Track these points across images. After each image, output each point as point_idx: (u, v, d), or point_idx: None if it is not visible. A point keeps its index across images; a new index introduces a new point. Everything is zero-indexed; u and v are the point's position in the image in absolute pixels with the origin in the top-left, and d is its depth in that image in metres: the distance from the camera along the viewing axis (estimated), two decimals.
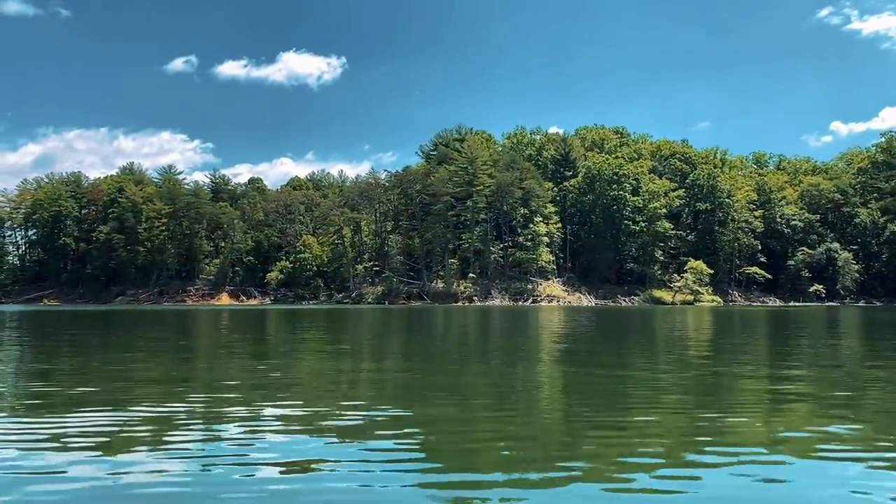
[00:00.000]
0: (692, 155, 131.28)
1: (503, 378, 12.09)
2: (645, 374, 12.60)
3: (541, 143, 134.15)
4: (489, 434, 7.13)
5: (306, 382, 11.47)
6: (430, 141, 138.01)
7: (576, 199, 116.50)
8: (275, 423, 7.65)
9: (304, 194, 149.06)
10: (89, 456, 5.95)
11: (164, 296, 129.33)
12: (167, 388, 10.33)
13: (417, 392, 10.38)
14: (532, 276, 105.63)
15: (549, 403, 9.52)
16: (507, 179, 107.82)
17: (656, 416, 8.21)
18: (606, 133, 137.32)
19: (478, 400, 9.53)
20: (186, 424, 7.58)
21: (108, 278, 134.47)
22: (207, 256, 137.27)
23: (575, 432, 7.34)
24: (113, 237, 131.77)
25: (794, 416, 8.35)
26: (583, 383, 11.49)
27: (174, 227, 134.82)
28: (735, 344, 21.57)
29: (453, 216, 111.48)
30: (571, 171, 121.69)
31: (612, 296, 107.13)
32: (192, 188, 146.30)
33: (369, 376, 12.57)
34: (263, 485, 5.23)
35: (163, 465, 5.75)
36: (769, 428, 7.56)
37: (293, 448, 6.42)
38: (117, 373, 12.61)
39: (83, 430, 7.15)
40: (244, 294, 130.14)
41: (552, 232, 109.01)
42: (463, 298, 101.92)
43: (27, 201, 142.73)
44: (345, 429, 7.24)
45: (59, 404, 8.96)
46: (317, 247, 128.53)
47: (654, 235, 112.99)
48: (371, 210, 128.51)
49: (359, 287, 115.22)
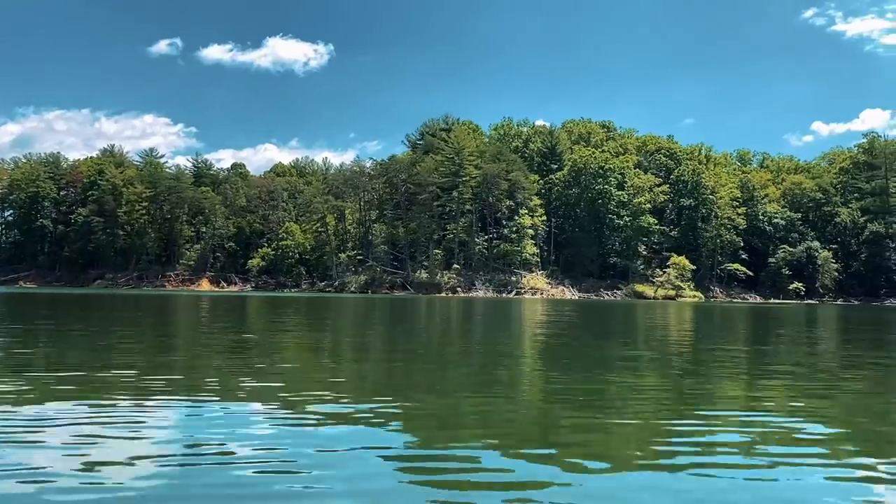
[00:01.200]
0: (677, 151, 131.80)
1: (485, 368, 11.94)
2: (625, 367, 12.61)
3: (528, 135, 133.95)
4: (471, 422, 7.16)
5: (286, 372, 11.21)
6: (417, 130, 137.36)
7: (561, 192, 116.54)
8: (255, 414, 7.46)
9: (288, 181, 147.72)
10: (63, 451, 5.68)
11: (143, 280, 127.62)
12: (144, 377, 9.92)
13: (398, 381, 10.32)
14: (516, 268, 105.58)
15: (529, 392, 9.48)
16: (493, 171, 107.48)
17: (636, 409, 8.23)
18: (593, 127, 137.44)
19: (459, 388, 9.46)
20: (164, 413, 7.39)
21: (86, 261, 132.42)
22: (188, 241, 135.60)
23: (555, 425, 7.28)
24: (92, 220, 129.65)
25: (771, 413, 8.27)
26: (563, 376, 11.38)
27: (155, 211, 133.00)
28: (715, 338, 21.59)
29: (439, 206, 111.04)
30: (557, 164, 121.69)
31: (594, 289, 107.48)
32: (173, 172, 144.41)
33: (349, 366, 12.37)
34: (243, 477, 5.06)
35: (140, 457, 5.54)
36: (747, 425, 7.48)
37: (273, 439, 6.25)
38: (94, 359, 12.13)
39: (54, 422, 6.81)
40: (225, 280, 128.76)
41: (537, 224, 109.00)
42: (446, 289, 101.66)
43: (3, 181, 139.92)
44: (323, 419, 7.10)
45: (32, 394, 8.52)
46: (299, 234, 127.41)
47: (638, 230, 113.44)
48: (355, 198, 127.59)
49: (342, 276, 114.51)
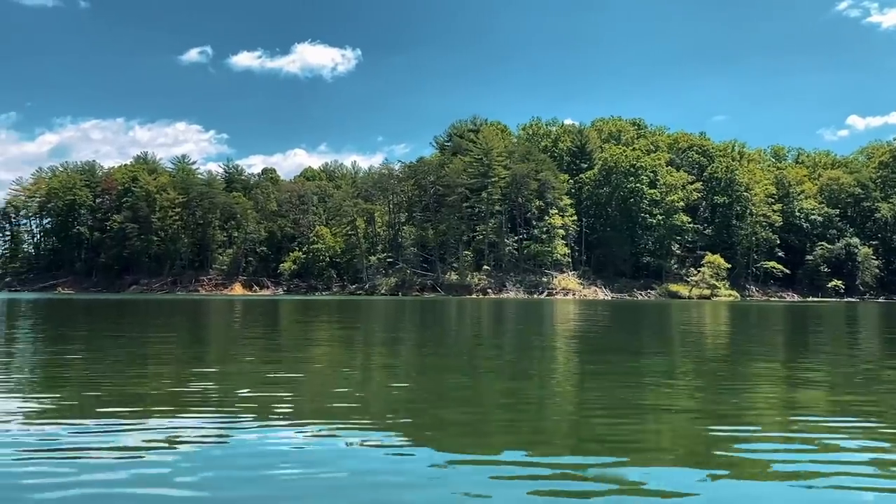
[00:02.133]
0: (710, 148, 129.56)
1: (518, 372, 11.53)
2: (660, 367, 12.27)
3: (556, 134, 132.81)
4: (502, 426, 7.06)
5: (318, 373, 11.19)
6: (445, 132, 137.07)
7: (592, 191, 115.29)
8: (286, 414, 7.45)
9: (318, 185, 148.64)
10: (99, 454, 5.62)
11: (177, 285, 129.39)
12: (180, 380, 9.90)
13: (429, 381, 10.24)
14: (547, 268, 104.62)
15: (562, 396, 9.22)
16: (522, 171, 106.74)
17: (671, 409, 7.99)
18: (623, 125, 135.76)
19: (491, 394, 9.20)
20: (199, 416, 7.37)
21: (122, 267, 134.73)
22: (220, 246, 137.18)
23: (588, 426, 7.13)
24: (126, 226, 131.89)
25: (810, 415, 7.85)
26: (597, 377, 11.11)
27: (187, 217, 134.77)
28: (752, 338, 20.85)
29: (468, 208, 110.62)
30: (587, 163, 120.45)
31: (627, 289, 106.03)
32: (205, 178, 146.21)
33: (381, 367, 12.27)
34: (274, 477, 5.06)
35: (174, 461, 5.54)
36: (785, 426, 7.19)
37: (305, 439, 6.26)
38: (131, 360, 12.01)
39: (94, 426, 6.75)
40: (257, 284, 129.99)
41: (567, 224, 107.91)
42: (477, 290, 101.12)
43: (42, 190, 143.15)
44: (354, 421, 7.07)
45: (73, 398, 8.42)
46: (330, 238, 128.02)
47: (671, 229, 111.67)
48: (385, 201, 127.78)
49: (372, 278, 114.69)
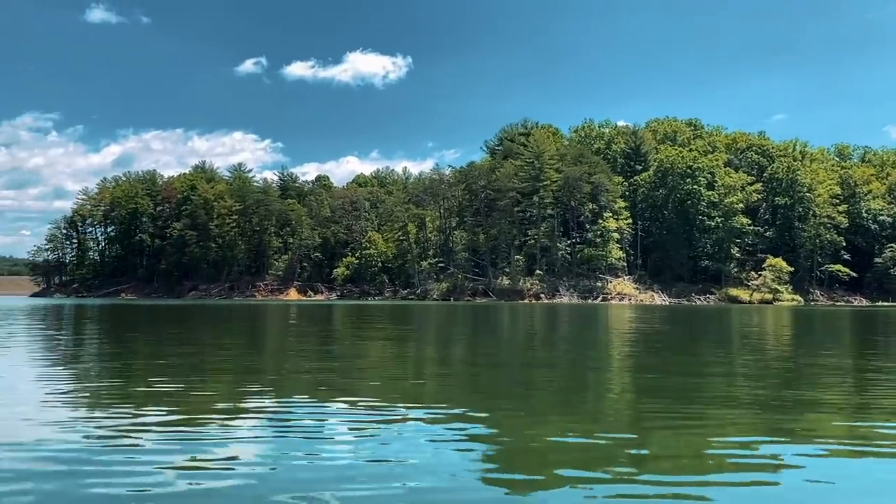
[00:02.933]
0: (770, 147, 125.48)
1: (573, 377, 11.13)
2: (719, 375, 11.92)
3: (610, 136, 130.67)
4: (556, 430, 6.94)
5: (373, 377, 11.26)
6: (495, 136, 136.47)
7: (647, 193, 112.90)
8: (342, 416, 7.47)
9: (370, 191, 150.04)
10: (160, 457, 5.69)
11: (234, 291, 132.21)
12: (239, 378, 10.26)
13: (484, 386, 10.16)
14: (601, 273, 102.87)
15: (618, 402, 9.03)
16: (574, 174, 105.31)
17: (730, 419, 7.75)
18: (679, 125, 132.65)
19: (545, 396, 9.11)
20: (257, 416, 7.49)
21: (181, 273, 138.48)
22: (276, 252, 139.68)
23: (644, 433, 6.95)
24: (186, 233, 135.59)
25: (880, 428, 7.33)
26: (654, 384, 10.83)
27: (244, 224, 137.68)
28: (818, 346, 19.82)
29: (519, 212, 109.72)
30: (642, 165, 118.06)
31: (685, 294, 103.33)
32: (261, 186, 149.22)
33: (435, 372, 12.22)
34: (332, 477, 5.10)
35: (235, 454, 5.66)
36: (851, 441, 6.74)
37: (361, 441, 6.26)
38: (197, 357, 12.02)
39: (157, 420, 6.99)
40: (311, 289, 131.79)
41: (622, 228, 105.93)
42: (529, 296, 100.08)
43: (106, 199, 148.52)
44: (409, 424, 7.05)
45: (135, 396, 8.55)
46: (382, 243, 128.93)
47: (731, 231, 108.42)
48: (435, 206, 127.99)
49: (424, 283, 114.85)
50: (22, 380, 10.47)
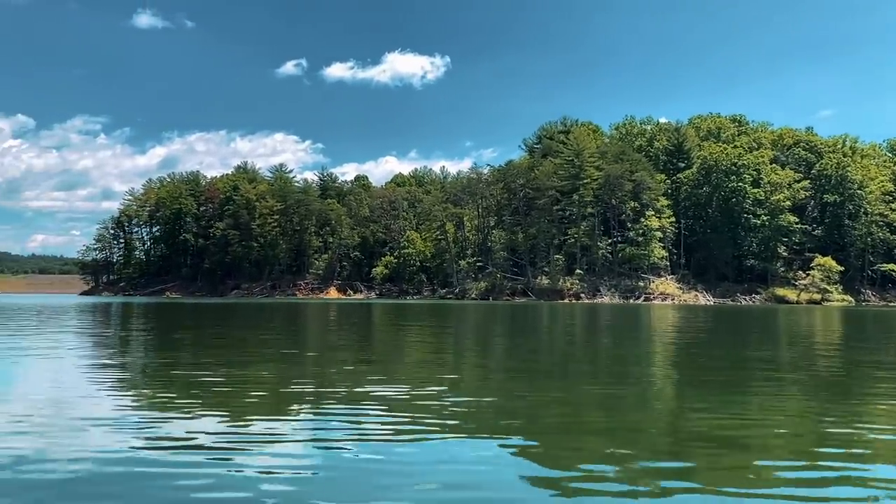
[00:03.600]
0: (818, 143, 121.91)
1: (616, 384, 10.79)
2: (766, 377, 11.51)
3: (652, 133, 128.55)
4: (597, 429, 6.88)
5: (410, 374, 11.23)
6: (534, 134, 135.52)
7: (690, 191, 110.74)
8: (379, 415, 7.47)
9: (408, 191, 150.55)
10: (204, 457, 5.67)
11: (275, 289, 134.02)
12: (283, 378, 10.26)
13: (523, 388, 9.99)
14: (643, 272, 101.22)
15: (660, 403, 8.86)
16: (615, 172, 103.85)
17: (777, 423, 7.52)
18: (723, 122, 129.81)
19: (586, 398, 8.96)
20: (299, 418, 7.48)
21: (224, 272, 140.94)
22: (316, 251, 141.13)
23: (687, 436, 6.81)
24: (228, 233, 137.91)
25: None
26: (698, 384, 10.58)
27: (285, 224, 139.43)
28: (870, 349, 18.83)
29: (559, 210, 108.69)
30: (685, 163, 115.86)
31: (730, 294, 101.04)
32: (301, 186, 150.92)
33: (474, 371, 12.05)
34: (371, 477, 5.13)
35: (276, 464, 5.62)
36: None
37: (397, 442, 6.22)
38: (241, 350, 12.00)
39: (204, 420, 7.00)
40: (351, 288, 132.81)
41: (665, 226, 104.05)
42: (569, 295, 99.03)
43: (151, 200, 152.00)
44: (449, 422, 6.99)
45: (180, 401, 8.48)
46: (420, 242, 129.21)
47: (777, 230, 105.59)
48: (474, 205, 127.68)
49: (462, 282, 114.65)
50: (72, 378, 10.59)
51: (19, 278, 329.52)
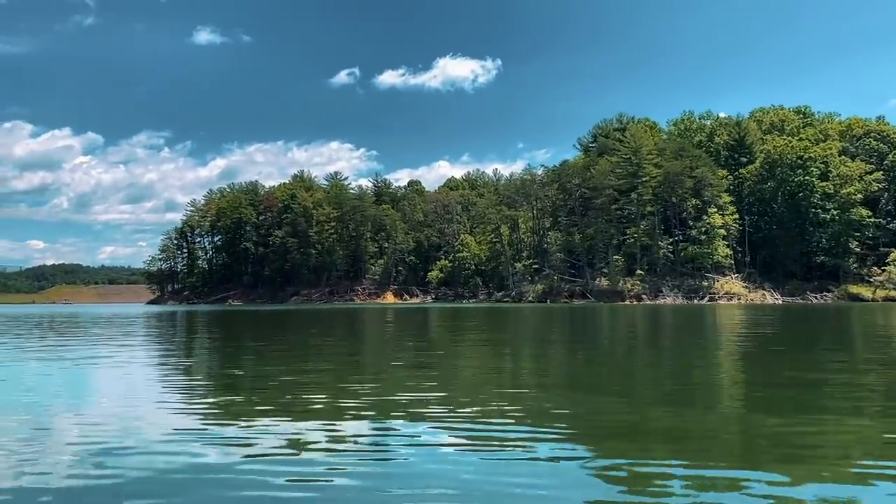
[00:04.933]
0: (890, 133, 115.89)
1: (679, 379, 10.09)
2: (840, 379, 10.86)
3: (712, 128, 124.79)
4: (662, 431, 6.67)
5: (470, 378, 11.11)
6: (589, 133, 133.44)
7: (754, 186, 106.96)
8: (442, 417, 7.39)
9: (461, 194, 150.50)
10: (264, 463, 5.67)
11: (334, 295, 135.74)
12: (342, 383, 10.26)
13: (584, 388, 9.91)
14: (707, 271, 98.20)
15: (728, 407, 8.47)
16: (675, 169, 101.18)
17: (850, 426, 7.10)
18: (786, 114, 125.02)
19: (650, 400, 8.74)
20: (357, 420, 7.49)
21: (284, 279, 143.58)
22: (372, 257, 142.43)
23: (757, 439, 6.49)
24: (287, 240, 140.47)
25: None
26: (768, 387, 10.09)
27: (342, 230, 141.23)
28: None
29: (617, 210, 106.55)
30: (748, 157, 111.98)
31: (799, 292, 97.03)
32: (357, 193, 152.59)
33: (533, 373, 11.93)
34: (430, 480, 5.08)
35: (336, 467, 5.61)
36: None
37: (457, 455, 6.00)
38: (304, 355, 11.80)
39: (259, 435, 6.83)
40: (407, 293, 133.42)
41: (728, 223, 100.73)
42: (630, 297, 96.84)
43: (213, 210, 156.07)
44: (512, 428, 6.82)
45: (243, 405, 8.29)
46: (475, 245, 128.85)
47: (849, 224, 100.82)
48: (528, 207, 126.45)
49: (518, 285, 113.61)
50: (143, 384, 10.70)
51: (90, 288, 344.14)
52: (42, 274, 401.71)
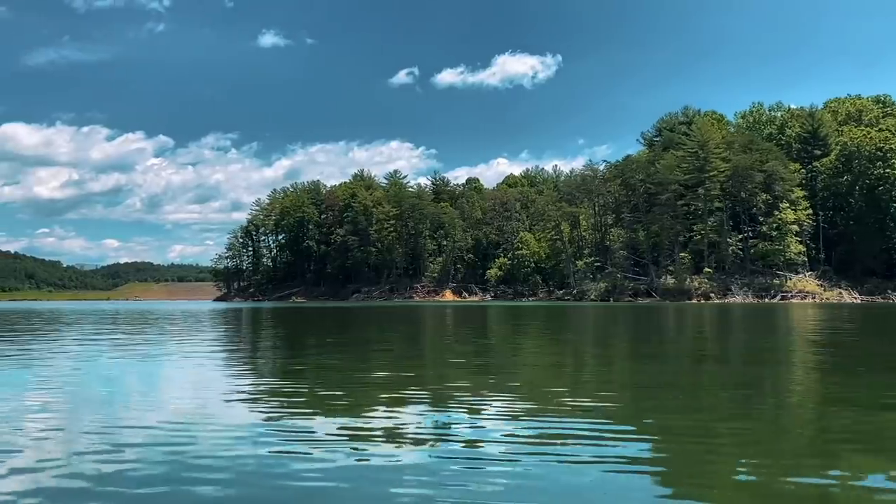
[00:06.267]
0: None
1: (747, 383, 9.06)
2: None
3: (782, 120, 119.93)
4: (728, 441, 6.18)
5: (527, 381, 10.67)
6: (653, 127, 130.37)
7: (829, 180, 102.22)
8: (497, 420, 7.13)
9: (520, 191, 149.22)
10: (325, 461, 5.51)
11: (393, 293, 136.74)
12: (399, 382, 10.09)
13: (647, 391, 9.38)
14: (779, 269, 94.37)
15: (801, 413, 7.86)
16: (744, 162, 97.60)
17: None
18: (864, 103, 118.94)
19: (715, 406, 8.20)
20: (419, 417, 7.32)
21: (345, 277, 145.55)
22: (431, 255, 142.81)
23: (831, 448, 6.02)
24: (348, 239, 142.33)
25: None
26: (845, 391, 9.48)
27: (401, 228, 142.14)
28: None
29: (683, 206, 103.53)
30: (822, 150, 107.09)
31: (880, 291, 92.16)
32: (415, 191, 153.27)
33: (595, 375, 11.48)
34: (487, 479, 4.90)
35: (398, 451, 5.71)
36: None
37: (517, 448, 5.86)
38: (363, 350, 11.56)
39: (318, 432, 6.71)
40: (466, 291, 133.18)
41: (801, 219, 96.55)
42: (697, 295, 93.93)
43: (276, 209, 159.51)
44: (569, 432, 6.48)
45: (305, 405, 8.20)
46: (534, 243, 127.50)
47: None
48: (590, 203, 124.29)
49: (580, 283, 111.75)
50: (213, 379, 10.67)
51: (161, 286, 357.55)
52: (116, 272, 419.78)
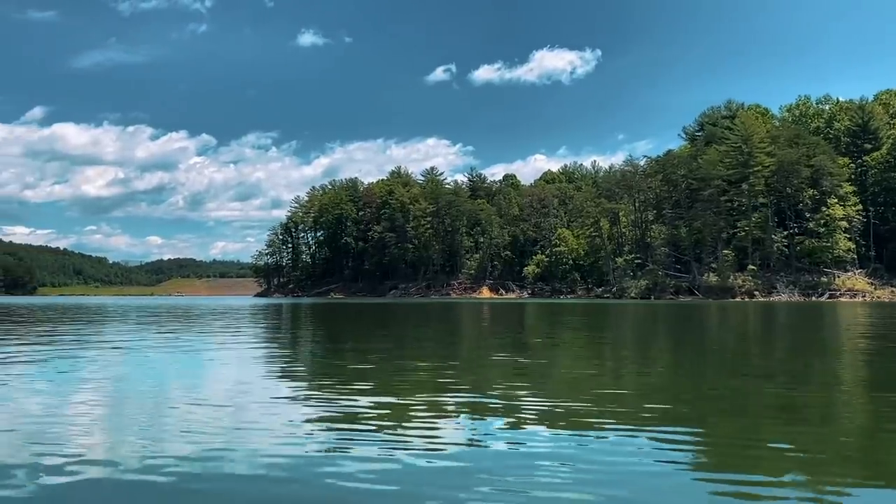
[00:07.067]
0: None
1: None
2: None
3: (831, 113, 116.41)
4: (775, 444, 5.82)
5: (565, 380, 10.45)
6: (695, 121, 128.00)
7: (880, 175, 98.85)
8: (535, 418, 6.99)
9: (558, 188, 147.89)
10: (361, 461, 5.34)
11: (430, 289, 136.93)
12: (438, 381, 9.80)
13: (687, 391, 9.12)
14: (826, 267, 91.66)
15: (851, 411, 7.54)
16: (790, 157, 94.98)
17: None
18: None
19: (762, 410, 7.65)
20: (455, 417, 7.15)
21: (382, 273, 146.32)
22: (468, 252, 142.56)
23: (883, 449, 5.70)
24: (385, 235, 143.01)
25: None
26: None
27: (438, 225, 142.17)
28: None
29: (726, 202, 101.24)
30: (872, 143, 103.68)
31: None
32: (452, 188, 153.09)
33: (633, 376, 11.02)
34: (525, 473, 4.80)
35: (432, 445, 5.67)
36: None
37: (551, 446, 5.74)
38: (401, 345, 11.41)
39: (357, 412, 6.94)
40: (503, 288, 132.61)
41: (850, 215, 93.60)
42: (741, 293, 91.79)
43: (315, 206, 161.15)
44: (609, 432, 6.24)
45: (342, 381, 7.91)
46: (572, 240, 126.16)
47: None
48: (630, 199, 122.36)
49: (619, 281, 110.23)
50: (250, 377, 10.52)
51: (203, 282, 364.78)
52: (160, 268, 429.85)
